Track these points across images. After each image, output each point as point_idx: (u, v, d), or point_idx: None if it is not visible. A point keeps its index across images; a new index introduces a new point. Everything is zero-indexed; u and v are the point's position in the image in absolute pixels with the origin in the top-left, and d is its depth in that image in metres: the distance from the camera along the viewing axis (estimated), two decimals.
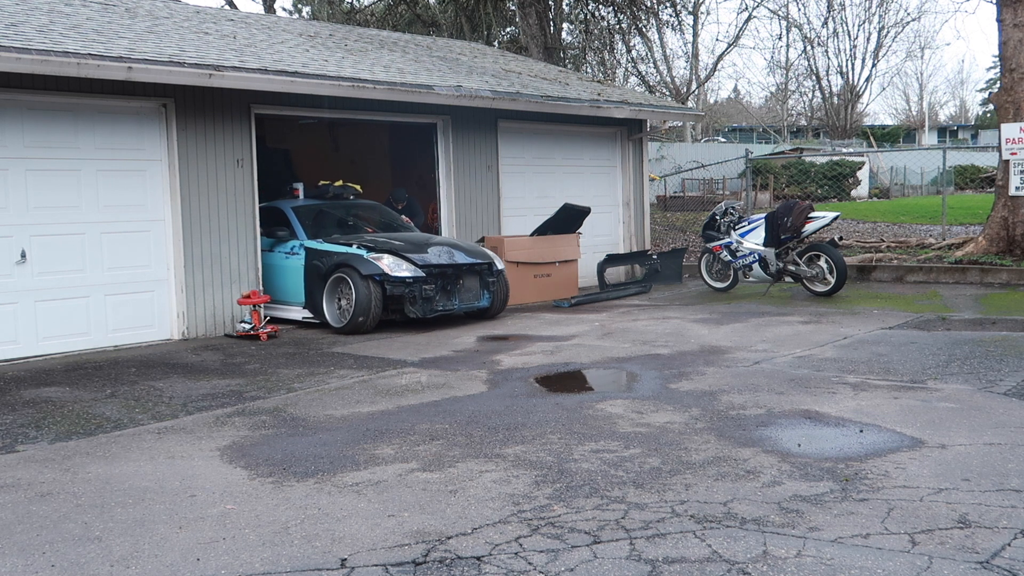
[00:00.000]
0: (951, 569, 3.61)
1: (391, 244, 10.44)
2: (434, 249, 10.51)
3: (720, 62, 39.93)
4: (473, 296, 10.73)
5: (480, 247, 11.31)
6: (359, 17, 32.46)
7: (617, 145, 15.76)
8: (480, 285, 10.78)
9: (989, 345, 8.34)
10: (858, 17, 59.05)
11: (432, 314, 10.26)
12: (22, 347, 9.00)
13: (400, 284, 9.99)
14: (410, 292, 10.04)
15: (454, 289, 10.50)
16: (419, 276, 10.09)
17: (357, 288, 9.94)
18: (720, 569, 3.66)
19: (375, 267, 9.98)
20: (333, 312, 10.33)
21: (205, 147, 10.22)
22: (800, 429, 5.74)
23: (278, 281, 11.00)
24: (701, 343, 9.01)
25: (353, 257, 10.16)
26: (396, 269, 10.01)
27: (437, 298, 10.31)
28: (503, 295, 11.11)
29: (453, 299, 10.51)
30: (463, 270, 10.59)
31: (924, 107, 64.69)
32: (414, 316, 10.15)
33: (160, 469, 5.26)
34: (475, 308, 10.78)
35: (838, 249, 12.53)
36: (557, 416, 6.20)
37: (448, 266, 10.41)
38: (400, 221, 12.17)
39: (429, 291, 10.16)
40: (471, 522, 4.25)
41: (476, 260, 10.69)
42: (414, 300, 10.10)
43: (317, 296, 10.46)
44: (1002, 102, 14.07)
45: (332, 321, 10.31)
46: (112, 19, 11.18)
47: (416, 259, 10.19)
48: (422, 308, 10.15)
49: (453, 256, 10.53)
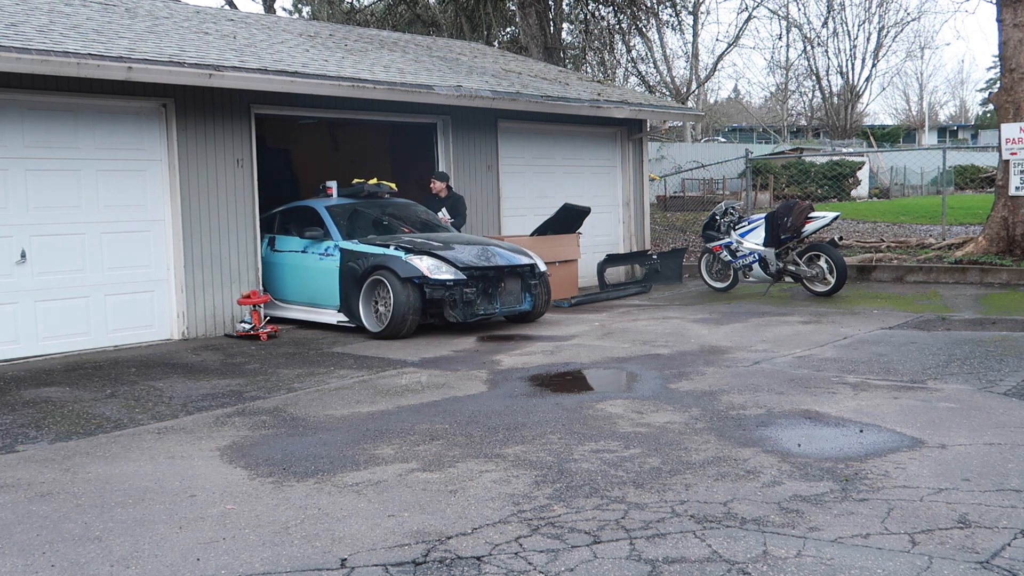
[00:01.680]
0: (951, 569, 3.61)
1: (430, 245, 10.03)
2: (475, 250, 10.11)
3: (720, 62, 39.98)
4: (514, 299, 10.31)
5: (522, 248, 10.93)
6: (359, 17, 32.45)
7: (617, 145, 15.76)
8: (522, 288, 10.37)
9: (989, 345, 8.34)
10: (858, 17, 59.12)
11: (473, 318, 9.87)
12: (22, 347, 9.00)
13: (440, 287, 9.59)
14: (450, 295, 9.65)
15: (495, 292, 10.07)
16: (460, 279, 9.68)
17: (395, 291, 9.54)
18: (720, 569, 3.66)
19: (414, 269, 9.57)
20: (370, 316, 9.92)
21: (205, 147, 10.22)
22: (800, 429, 5.74)
23: (311, 283, 10.65)
24: (701, 343, 9.01)
25: (391, 259, 9.75)
26: (436, 271, 9.60)
27: (478, 301, 9.90)
28: (545, 298, 10.70)
29: (494, 302, 10.08)
30: (505, 272, 10.15)
31: (924, 107, 64.73)
32: (454, 320, 9.78)
33: (160, 469, 5.26)
34: (516, 312, 10.38)
35: (838, 249, 12.54)
36: (557, 416, 6.20)
37: (490, 268, 9.97)
38: (438, 220, 11.69)
39: (470, 294, 9.76)
40: (471, 522, 4.25)
41: (518, 262, 10.29)
42: (454, 304, 9.71)
43: (353, 299, 10.06)
44: (1002, 102, 14.07)
45: (369, 325, 9.89)
46: (112, 19, 11.18)
47: (457, 261, 9.78)
48: (462, 312, 9.76)
49: (495, 258, 10.11)
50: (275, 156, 14.57)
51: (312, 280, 10.62)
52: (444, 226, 11.60)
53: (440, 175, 12.41)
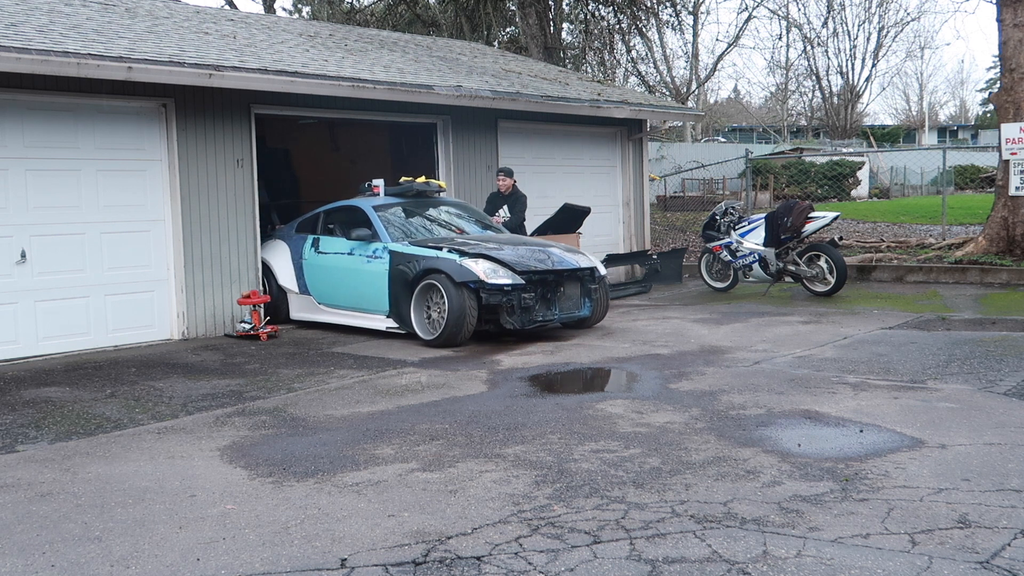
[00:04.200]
0: (951, 569, 3.61)
1: (486, 247, 9.52)
2: (533, 252, 9.60)
3: (720, 62, 39.93)
4: (573, 305, 9.73)
5: (581, 251, 10.41)
6: (359, 17, 32.46)
7: (617, 145, 15.76)
8: (581, 292, 9.79)
9: (989, 345, 8.34)
10: (858, 17, 59.04)
11: (531, 325, 9.32)
12: (22, 347, 9.00)
13: (497, 292, 9.04)
14: (508, 301, 9.09)
15: (554, 297, 9.51)
16: (518, 283, 9.11)
17: (450, 296, 9.00)
18: (720, 569, 3.66)
19: (470, 273, 9.03)
20: (422, 322, 9.38)
21: (205, 147, 10.22)
22: (800, 429, 5.74)
23: (358, 287, 10.09)
24: (701, 343, 9.02)
25: (445, 262, 9.20)
26: (493, 276, 9.05)
27: (536, 307, 9.34)
28: (604, 303, 10.14)
29: (553, 308, 9.51)
30: (564, 276, 9.57)
31: (924, 107, 64.73)
32: (511, 327, 9.23)
33: (160, 469, 5.26)
34: (575, 318, 9.81)
35: (838, 249, 12.55)
36: (557, 416, 6.20)
37: (549, 272, 9.41)
38: (489, 220, 11.22)
39: (528, 300, 9.19)
40: (471, 522, 4.25)
41: (578, 265, 9.72)
42: (512, 310, 9.16)
43: (404, 305, 9.52)
44: (1002, 102, 14.07)
45: (421, 332, 9.36)
46: (112, 19, 11.18)
47: (514, 264, 9.24)
48: (520, 318, 9.21)
49: (554, 261, 9.56)
50: (275, 156, 14.56)
51: (359, 284, 10.09)
52: (497, 226, 11.14)
53: (507, 171, 12.12)
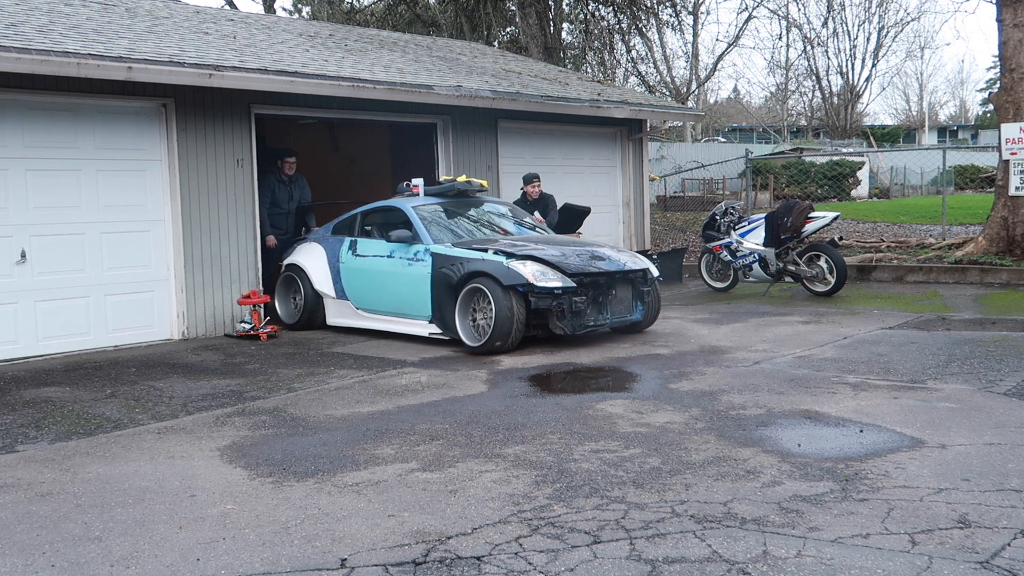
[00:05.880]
0: (951, 569, 3.61)
1: (533, 248, 9.12)
2: (582, 253, 9.22)
3: (720, 62, 39.91)
4: (625, 308, 9.34)
5: (633, 252, 9.85)
6: (359, 17, 32.46)
7: (617, 145, 15.76)
8: (633, 296, 9.40)
9: (989, 345, 8.34)
10: (858, 17, 58.96)
11: (582, 330, 8.94)
12: (22, 347, 9.00)
13: (547, 296, 8.66)
14: (558, 305, 8.70)
15: (605, 300, 9.13)
16: (569, 286, 8.71)
17: (497, 301, 8.58)
18: (720, 569, 3.66)
19: (518, 276, 8.63)
20: (467, 328, 8.97)
21: (205, 147, 10.22)
22: (800, 429, 5.74)
23: (398, 291, 9.70)
24: (701, 343, 9.01)
25: (491, 264, 8.82)
26: (542, 278, 8.65)
27: (587, 311, 8.97)
28: (656, 306, 9.74)
29: (604, 312, 9.13)
30: (616, 278, 9.20)
31: (924, 107, 64.74)
32: (561, 332, 8.85)
33: (160, 469, 5.26)
34: (626, 322, 9.39)
35: (838, 249, 12.55)
36: (557, 416, 6.20)
37: (600, 274, 9.04)
38: (533, 220, 10.93)
39: (579, 303, 8.80)
40: (471, 522, 4.25)
41: (631, 266, 9.34)
42: (562, 314, 8.77)
43: (447, 309, 9.10)
44: (1002, 102, 14.07)
45: (466, 338, 8.93)
46: (112, 19, 11.18)
47: (565, 266, 8.84)
48: (571, 323, 8.81)
49: (605, 262, 9.19)
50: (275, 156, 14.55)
51: (399, 288, 9.69)
52: (541, 227, 10.84)
53: (533, 177, 12.01)
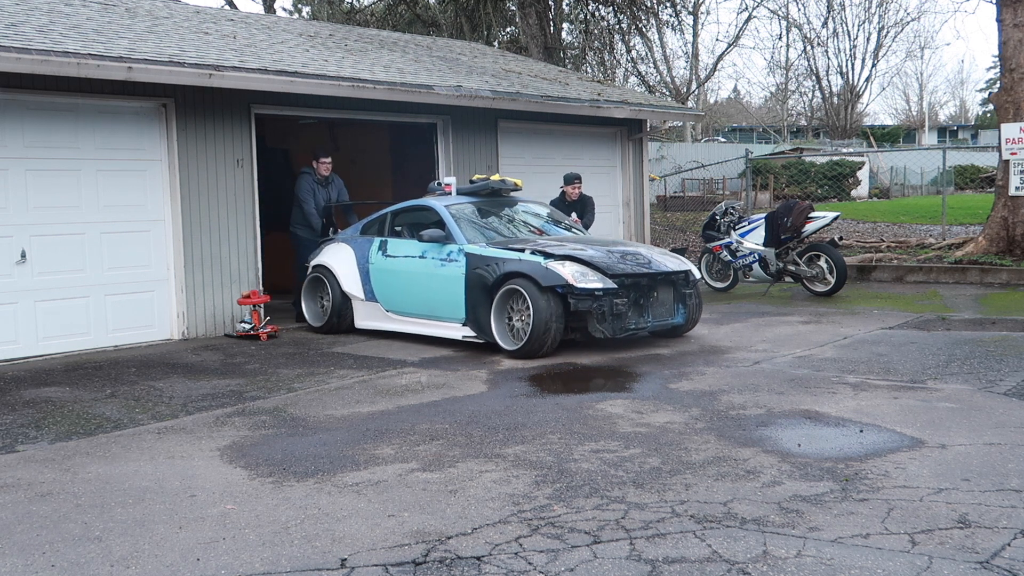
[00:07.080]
0: (951, 569, 3.61)
1: (572, 248, 8.82)
2: (622, 254, 8.95)
3: (720, 62, 39.96)
4: (666, 311, 9.02)
5: (674, 253, 9.80)
6: (359, 17, 32.46)
7: (617, 145, 15.75)
8: (675, 298, 9.08)
9: (989, 345, 8.34)
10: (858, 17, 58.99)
11: (622, 333, 8.63)
12: (22, 347, 9.00)
13: (587, 297, 8.36)
14: (598, 307, 8.41)
15: (647, 303, 8.84)
16: (609, 288, 8.43)
17: (535, 303, 8.31)
18: (720, 569, 3.66)
19: (557, 277, 8.35)
20: (503, 331, 8.69)
21: (205, 147, 10.22)
22: (800, 429, 5.74)
23: (430, 293, 9.41)
24: (701, 343, 9.01)
25: (528, 264, 8.54)
26: (582, 280, 8.36)
27: (628, 314, 8.67)
28: (698, 310, 9.44)
29: (645, 315, 8.83)
30: (658, 280, 8.90)
31: (924, 107, 64.76)
32: (601, 336, 8.55)
33: (160, 469, 5.26)
34: (667, 326, 9.11)
35: (838, 249, 12.56)
36: (557, 416, 6.20)
37: (642, 276, 8.76)
38: (570, 221, 10.66)
39: (620, 306, 8.50)
40: (471, 522, 4.25)
41: (673, 268, 9.04)
42: (602, 317, 8.45)
43: (482, 312, 8.82)
44: (1002, 102, 14.08)
45: (502, 342, 8.66)
46: (112, 19, 11.18)
47: (605, 267, 8.56)
48: (611, 326, 8.51)
49: (647, 263, 8.91)
50: (275, 156, 14.56)
51: (432, 289, 9.40)
52: (578, 227, 10.62)
53: (574, 177, 11.94)
